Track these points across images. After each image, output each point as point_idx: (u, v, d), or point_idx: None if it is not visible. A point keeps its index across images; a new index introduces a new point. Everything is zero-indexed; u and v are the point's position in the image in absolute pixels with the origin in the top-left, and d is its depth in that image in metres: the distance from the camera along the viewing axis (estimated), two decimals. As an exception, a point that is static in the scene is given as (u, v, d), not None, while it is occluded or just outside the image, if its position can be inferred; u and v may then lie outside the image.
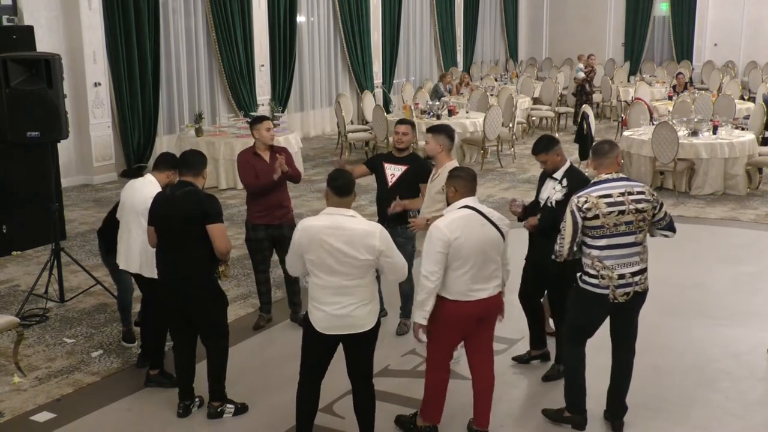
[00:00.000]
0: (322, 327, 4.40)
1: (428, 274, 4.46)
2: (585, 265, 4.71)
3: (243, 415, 5.19)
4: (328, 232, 4.30)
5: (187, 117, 13.67)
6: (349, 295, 4.34)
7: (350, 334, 4.41)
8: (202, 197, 4.96)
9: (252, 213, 6.44)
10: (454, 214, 4.54)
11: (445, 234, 4.43)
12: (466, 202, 4.59)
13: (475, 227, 4.50)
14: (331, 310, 4.35)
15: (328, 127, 17.19)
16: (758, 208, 10.40)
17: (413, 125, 6.44)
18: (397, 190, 6.16)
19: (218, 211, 4.94)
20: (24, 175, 8.53)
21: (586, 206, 4.58)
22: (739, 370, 5.80)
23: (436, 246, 4.44)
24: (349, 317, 4.36)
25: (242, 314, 6.91)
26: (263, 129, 6.38)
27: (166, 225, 4.99)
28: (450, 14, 21.37)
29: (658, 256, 8.54)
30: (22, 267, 8.29)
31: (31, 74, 7.02)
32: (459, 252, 4.45)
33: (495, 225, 4.58)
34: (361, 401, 4.62)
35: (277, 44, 15.37)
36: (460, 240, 4.44)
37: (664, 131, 10.88)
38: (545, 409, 5.13)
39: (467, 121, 13.47)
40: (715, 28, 22.39)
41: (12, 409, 5.33)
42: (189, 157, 5.17)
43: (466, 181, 4.64)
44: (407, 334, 6.33)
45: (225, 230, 4.96)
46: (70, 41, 11.75)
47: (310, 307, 4.46)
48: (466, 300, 4.54)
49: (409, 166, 6.22)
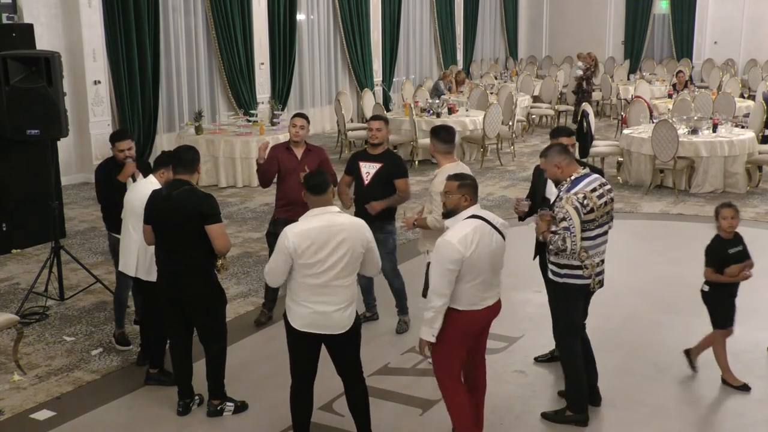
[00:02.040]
0: (300, 324, 4.39)
1: (439, 292, 4.32)
2: (566, 257, 4.75)
3: (243, 413, 5.20)
4: (325, 231, 4.30)
5: (187, 115, 13.67)
6: (332, 295, 4.34)
7: (329, 335, 4.42)
8: (199, 197, 4.91)
9: (277, 207, 6.53)
10: (465, 227, 4.36)
11: (459, 251, 4.26)
12: (473, 212, 4.46)
13: (485, 239, 4.37)
14: (314, 308, 4.35)
15: (328, 125, 17.20)
16: (758, 207, 10.40)
17: (386, 121, 6.46)
18: (372, 187, 6.20)
19: (216, 210, 4.91)
20: (24, 173, 8.53)
21: (585, 201, 4.67)
22: (739, 368, 5.79)
23: (448, 264, 4.28)
24: (329, 318, 4.37)
25: (242, 312, 6.91)
26: (290, 125, 6.51)
27: (164, 225, 4.96)
28: (450, 12, 21.36)
29: (657, 255, 8.59)
30: (22, 265, 8.29)
31: (30, 72, 7.01)
32: (472, 267, 4.32)
33: (499, 231, 4.51)
34: (353, 399, 4.63)
35: (277, 42, 15.36)
36: (474, 255, 4.31)
37: (663, 129, 10.87)
38: (544, 413, 5.11)
39: (467, 119, 13.48)
40: (715, 26, 22.39)
41: (12, 407, 5.33)
42: (183, 154, 5.06)
43: (475, 190, 4.49)
44: (407, 332, 6.33)
45: (224, 230, 4.95)
46: (70, 39, 11.75)
47: (290, 304, 4.43)
48: (476, 309, 4.44)
49: (383, 164, 6.25)
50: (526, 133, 16.24)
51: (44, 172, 7.50)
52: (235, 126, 12.56)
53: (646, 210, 10.32)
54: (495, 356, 6.01)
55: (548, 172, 4.92)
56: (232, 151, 11.67)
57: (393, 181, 6.23)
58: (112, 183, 6.09)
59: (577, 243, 4.66)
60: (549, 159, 4.86)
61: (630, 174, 11.71)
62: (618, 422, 5.09)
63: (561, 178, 4.84)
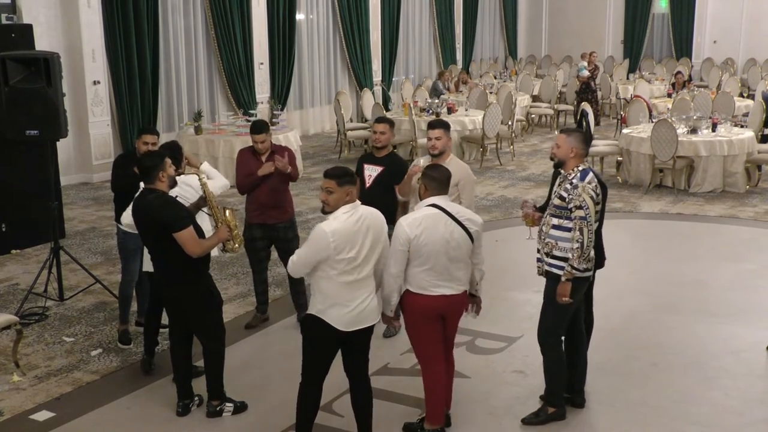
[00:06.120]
0: (345, 325, 4.38)
1: (393, 272, 4.56)
2: None
3: (242, 413, 5.19)
4: (361, 224, 4.34)
5: (187, 115, 13.67)
6: (366, 287, 4.42)
7: (365, 328, 4.46)
8: (157, 207, 4.84)
9: (248, 212, 6.45)
10: (419, 213, 4.62)
11: (406, 232, 4.51)
12: (434, 201, 4.63)
13: (438, 226, 4.55)
14: (355, 306, 4.37)
15: (328, 125, 17.18)
16: (757, 206, 10.40)
17: (392, 124, 6.42)
18: (373, 190, 6.17)
19: (177, 217, 4.82)
20: (23, 173, 8.52)
21: (597, 191, 4.76)
22: (739, 367, 5.81)
23: (398, 244, 4.53)
24: (367, 310, 4.42)
25: (241, 313, 6.91)
26: (258, 141, 6.32)
27: (141, 233, 5.04)
28: (449, 12, 21.36)
29: (657, 253, 8.59)
30: (22, 265, 8.29)
31: (30, 73, 7.01)
32: (420, 250, 4.51)
33: (462, 225, 4.60)
34: (359, 397, 4.62)
35: (276, 42, 15.36)
36: (421, 238, 4.50)
37: (663, 129, 10.87)
38: (525, 418, 5.05)
39: (466, 118, 13.47)
40: (715, 25, 22.39)
41: (11, 407, 5.33)
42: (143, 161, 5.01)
43: (437, 182, 4.66)
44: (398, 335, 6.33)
45: (192, 234, 4.83)
46: (69, 39, 11.75)
47: (326, 308, 4.38)
48: (427, 294, 4.60)
49: (384, 168, 6.23)
50: (526, 133, 16.24)
51: (44, 173, 7.50)
52: (234, 126, 12.55)
53: (645, 209, 10.32)
54: (495, 356, 6.01)
55: (560, 149, 4.88)
56: (231, 151, 11.63)
57: (394, 186, 6.20)
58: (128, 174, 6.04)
59: (593, 231, 4.70)
60: (570, 139, 4.86)
61: (629, 173, 11.71)
62: (618, 421, 5.08)
63: (569, 163, 4.86)
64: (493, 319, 6.53)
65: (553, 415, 5.02)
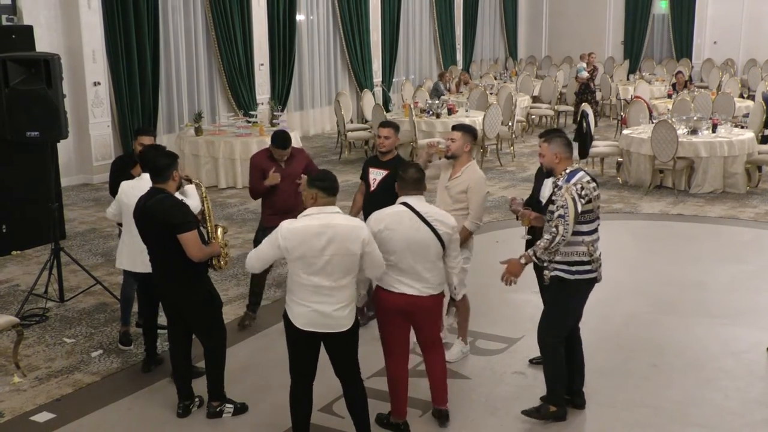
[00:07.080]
0: (301, 323, 4.42)
1: None
2: (577, 255, 4.78)
3: (243, 414, 5.19)
4: (321, 231, 4.31)
5: (187, 116, 13.67)
6: (330, 297, 4.38)
7: (329, 333, 4.45)
8: (167, 207, 4.87)
9: (264, 215, 6.55)
10: (388, 209, 4.76)
11: (371, 226, 4.65)
12: (405, 200, 4.75)
13: (403, 224, 4.65)
14: (313, 307, 4.38)
15: (328, 125, 17.19)
16: (757, 207, 10.40)
17: (397, 128, 6.43)
18: (378, 194, 6.18)
19: (184, 220, 4.86)
20: (23, 174, 8.52)
21: (584, 192, 4.72)
22: (739, 368, 5.81)
23: None
24: (329, 317, 4.40)
25: (241, 314, 6.90)
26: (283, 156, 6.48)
27: (144, 233, 5.03)
28: (449, 12, 21.36)
29: (657, 254, 8.59)
30: (22, 266, 8.30)
31: (30, 74, 7.02)
32: (385, 245, 4.61)
33: (430, 225, 4.64)
34: (351, 400, 4.65)
35: (276, 43, 15.37)
36: (384, 233, 4.62)
37: (663, 130, 10.88)
38: (525, 410, 5.07)
39: (467, 119, 13.45)
40: (715, 26, 22.39)
41: (12, 409, 5.33)
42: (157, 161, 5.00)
43: (407, 182, 4.78)
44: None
45: (196, 238, 4.88)
46: (70, 41, 11.75)
47: (290, 303, 4.47)
48: (390, 290, 4.70)
49: (389, 171, 6.22)
50: (526, 134, 16.23)
51: (44, 174, 7.49)
52: (234, 127, 12.56)
53: (645, 210, 10.32)
54: (495, 357, 6.02)
55: (546, 158, 4.94)
56: (231, 152, 11.67)
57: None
58: (126, 176, 6.08)
59: (569, 230, 4.69)
60: (552, 146, 4.89)
61: (629, 174, 11.71)
62: (618, 422, 5.09)
63: (556, 169, 4.90)
64: (493, 320, 6.54)
65: (553, 414, 5.02)
